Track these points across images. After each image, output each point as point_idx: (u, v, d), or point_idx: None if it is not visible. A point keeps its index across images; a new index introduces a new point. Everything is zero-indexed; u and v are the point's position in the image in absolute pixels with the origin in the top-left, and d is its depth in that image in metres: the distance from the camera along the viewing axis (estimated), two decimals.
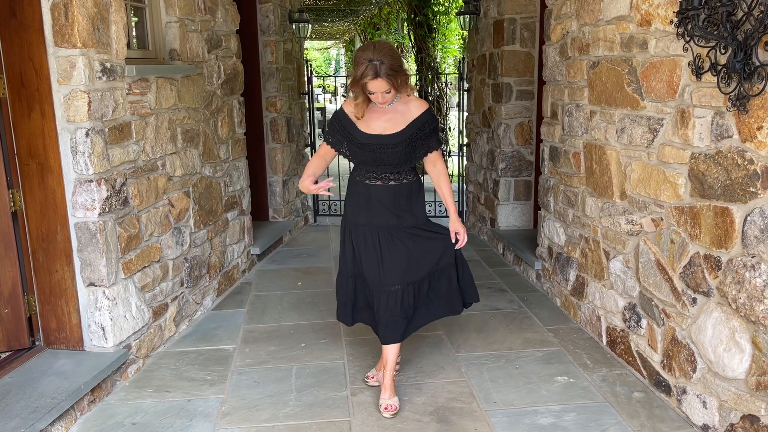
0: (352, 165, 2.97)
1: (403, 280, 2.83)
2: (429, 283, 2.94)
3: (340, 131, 2.84)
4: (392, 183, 2.84)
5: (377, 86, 2.64)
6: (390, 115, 2.78)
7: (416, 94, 3.07)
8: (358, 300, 3.00)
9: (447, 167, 2.98)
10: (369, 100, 2.76)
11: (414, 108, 2.79)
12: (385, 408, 2.83)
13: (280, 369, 3.27)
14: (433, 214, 6.60)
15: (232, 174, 4.54)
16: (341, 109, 2.87)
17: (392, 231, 2.84)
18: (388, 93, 2.68)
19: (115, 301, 3.04)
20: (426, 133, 2.80)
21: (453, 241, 2.90)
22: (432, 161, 2.90)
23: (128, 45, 3.23)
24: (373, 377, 3.12)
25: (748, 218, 2.28)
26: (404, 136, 2.77)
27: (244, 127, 4.79)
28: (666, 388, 2.88)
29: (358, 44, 18.25)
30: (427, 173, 3.00)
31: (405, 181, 2.85)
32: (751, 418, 2.33)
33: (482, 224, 6.01)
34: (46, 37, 2.78)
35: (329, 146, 2.89)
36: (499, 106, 5.32)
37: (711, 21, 2.30)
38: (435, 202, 6.75)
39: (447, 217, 3.00)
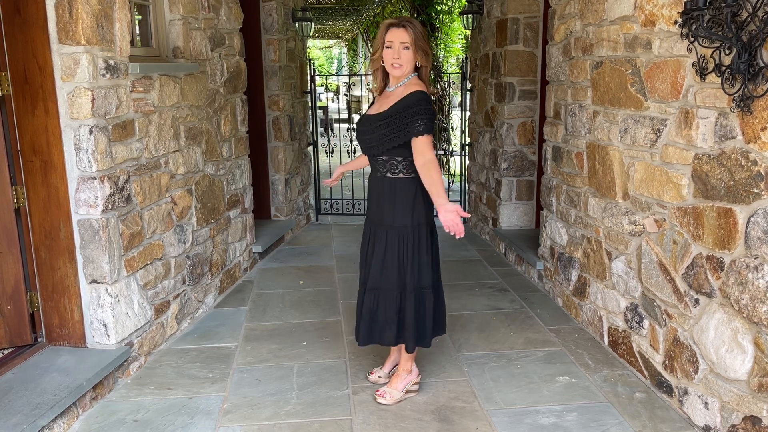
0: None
1: (374, 284, 2.79)
2: (399, 303, 2.77)
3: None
4: (388, 175, 2.74)
5: (397, 35, 2.59)
6: (392, 98, 2.69)
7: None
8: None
9: (438, 163, 2.72)
10: (385, 76, 2.75)
11: (409, 91, 2.64)
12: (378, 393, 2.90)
13: (281, 367, 3.28)
14: None
15: (234, 172, 4.54)
16: None
17: (376, 227, 2.82)
18: (407, 50, 2.60)
19: (117, 298, 3.04)
20: (407, 114, 2.57)
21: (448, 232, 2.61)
22: (419, 151, 2.58)
23: (132, 43, 3.23)
24: (373, 373, 3.14)
25: (752, 219, 2.28)
26: (385, 117, 2.64)
27: (247, 125, 4.79)
28: (668, 389, 2.88)
29: (360, 43, 18.24)
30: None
31: (401, 176, 2.72)
32: (753, 420, 2.32)
33: (484, 224, 6.01)
34: (50, 34, 2.78)
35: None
36: (502, 105, 5.32)
37: (715, 21, 2.29)
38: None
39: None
